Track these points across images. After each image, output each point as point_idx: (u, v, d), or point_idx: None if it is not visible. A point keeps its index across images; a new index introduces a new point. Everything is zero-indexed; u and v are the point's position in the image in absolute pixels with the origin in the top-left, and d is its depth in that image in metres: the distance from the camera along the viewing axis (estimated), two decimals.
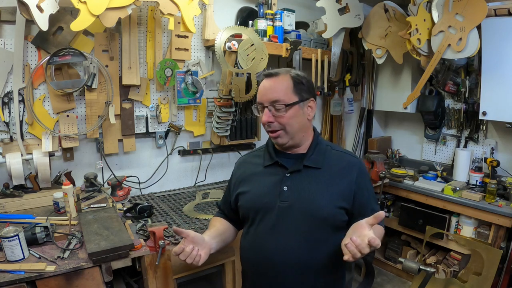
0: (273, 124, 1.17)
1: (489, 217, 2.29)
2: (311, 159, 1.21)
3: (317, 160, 1.20)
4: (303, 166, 1.20)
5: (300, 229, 1.16)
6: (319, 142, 1.25)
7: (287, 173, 1.21)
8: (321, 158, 1.21)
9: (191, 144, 2.51)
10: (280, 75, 1.17)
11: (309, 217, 1.16)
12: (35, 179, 1.89)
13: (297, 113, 1.17)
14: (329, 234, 1.17)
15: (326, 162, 1.21)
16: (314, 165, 1.20)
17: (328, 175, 1.18)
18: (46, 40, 1.84)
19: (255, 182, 1.27)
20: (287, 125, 1.16)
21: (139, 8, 2.08)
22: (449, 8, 2.29)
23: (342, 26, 2.58)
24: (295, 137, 1.20)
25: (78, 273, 1.32)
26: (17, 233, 1.29)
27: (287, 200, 1.18)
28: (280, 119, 1.16)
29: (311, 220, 1.16)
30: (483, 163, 2.71)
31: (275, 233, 1.18)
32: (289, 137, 1.19)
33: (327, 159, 1.21)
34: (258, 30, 2.37)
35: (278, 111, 1.15)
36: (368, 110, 3.44)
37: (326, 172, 1.19)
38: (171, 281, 1.58)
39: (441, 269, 2.64)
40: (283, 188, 1.19)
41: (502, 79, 2.34)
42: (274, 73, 1.18)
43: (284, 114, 1.15)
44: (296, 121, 1.17)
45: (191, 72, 2.26)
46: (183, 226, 1.78)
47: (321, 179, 1.18)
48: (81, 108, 2.03)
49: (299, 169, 1.20)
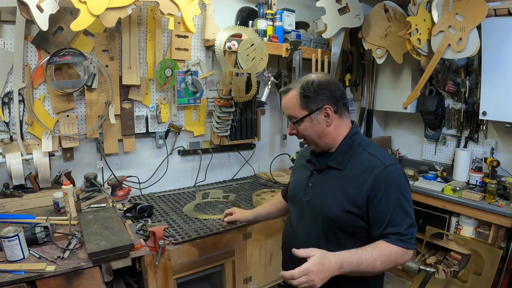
0: (297, 135, 1.26)
1: (489, 217, 2.29)
2: (335, 160, 1.23)
3: (341, 161, 1.21)
4: (326, 166, 1.24)
5: (315, 225, 1.22)
6: (352, 141, 1.23)
7: (314, 170, 1.28)
8: (346, 159, 1.20)
9: (191, 144, 2.51)
10: (290, 92, 1.23)
11: (320, 216, 1.20)
12: (35, 179, 1.89)
13: (309, 124, 1.21)
14: (339, 236, 1.17)
15: (350, 164, 1.19)
16: (337, 166, 1.21)
17: (348, 177, 1.17)
18: (46, 40, 1.84)
19: (296, 173, 1.42)
20: (306, 136, 1.24)
21: (139, 8, 2.08)
22: (449, 8, 2.29)
23: (342, 26, 2.58)
24: (319, 144, 1.24)
25: (78, 273, 1.32)
26: (17, 233, 1.29)
27: (308, 195, 1.26)
28: (295, 131, 1.25)
29: (321, 219, 1.20)
30: (483, 163, 2.71)
31: (298, 225, 1.29)
32: (314, 145, 1.25)
33: (353, 161, 1.19)
34: (258, 30, 2.37)
35: (294, 125, 1.24)
36: (368, 110, 3.44)
37: (347, 174, 1.18)
38: (171, 281, 1.59)
39: (441, 269, 2.64)
40: (308, 184, 1.27)
41: (502, 79, 2.33)
42: (286, 90, 1.25)
43: (298, 128, 1.23)
44: (312, 131, 1.21)
45: (191, 72, 2.26)
46: (183, 226, 1.79)
47: (340, 180, 1.19)
48: (81, 108, 2.03)
49: (323, 168, 1.25)
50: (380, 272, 1.09)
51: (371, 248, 1.07)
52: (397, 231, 1.08)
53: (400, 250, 1.07)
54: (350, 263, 1.03)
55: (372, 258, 1.05)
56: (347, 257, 1.04)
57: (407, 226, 1.09)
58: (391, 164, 1.13)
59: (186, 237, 1.67)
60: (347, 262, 1.03)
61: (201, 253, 1.71)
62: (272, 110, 2.90)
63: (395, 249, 1.07)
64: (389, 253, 1.06)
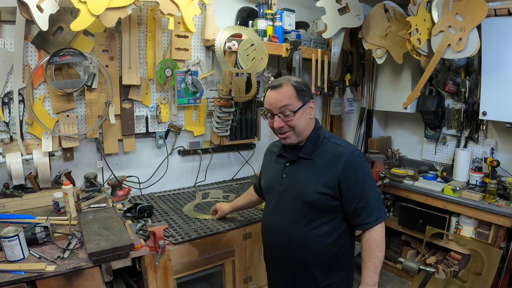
0: (283, 128, 1.34)
1: (489, 217, 2.29)
2: (305, 151, 1.38)
3: (310, 151, 1.37)
4: (297, 157, 1.39)
5: (293, 210, 1.36)
6: (318, 135, 1.39)
7: (286, 163, 1.42)
8: (315, 150, 1.37)
9: (191, 144, 2.51)
10: (283, 85, 1.33)
11: (298, 200, 1.35)
12: (35, 179, 1.89)
13: (302, 115, 1.34)
14: (317, 215, 1.33)
15: (319, 153, 1.36)
16: (307, 156, 1.37)
17: (318, 165, 1.34)
18: (46, 40, 1.84)
19: (268, 168, 1.55)
20: (296, 127, 1.33)
21: (139, 8, 2.08)
22: (449, 8, 2.29)
23: (342, 26, 2.58)
24: (301, 135, 1.36)
25: (78, 273, 1.32)
26: (17, 233, 1.29)
27: (284, 185, 1.40)
28: (289, 122, 1.33)
29: (300, 203, 1.34)
30: (483, 163, 2.71)
31: (276, 212, 1.42)
32: (296, 135, 1.35)
33: (320, 151, 1.36)
34: (258, 30, 2.37)
35: (287, 117, 1.32)
36: (368, 110, 3.44)
37: (317, 162, 1.35)
38: (171, 281, 1.59)
39: (441, 269, 2.64)
40: (282, 175, 1.41)
41: (502, 79, 2.34)
42: (278, 84, 1.33)
43: (292, 119, 1.32)
44: (302, 121, 1.34)
45: (191, 72, 2.26)
46: (183, 226, 1.79)
47: (311, 168, 1.35)
48: (81, 108, 2.03)
49: (294, 160, 1.40)
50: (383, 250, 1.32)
51: (370, 252, 1.28)
52: (368, 210, 1.28)
53: (381, 227, 1.30)
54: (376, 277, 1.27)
55: (377, 258, 1.28)
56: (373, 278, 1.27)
57: (372, 201, 1.29)
58: (354, 150, 1.33)
59: (186, 237, 1.67)
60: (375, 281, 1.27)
61: (201, 253, 1.71)
62: None
63: (378, 232, 1.29)
64: (380, 238, 1.29)
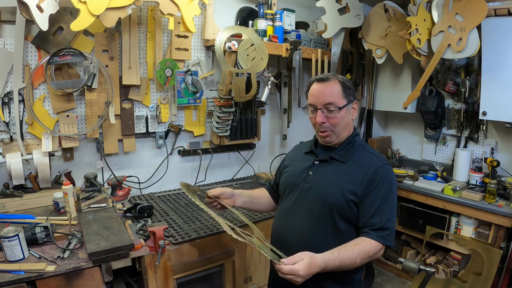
0: (325, 124, 1.30)
1: (489, 217, 2.29)
2: (338, 153, 1.35)
3: (344, 155, 1.34)
4: (330, 158, 1.35)
5: (312, 210, 1.30)
6: (354, 141, 1.37)
7: (316, 161, 1.38)
8: (349, 154, 1.34)
9: (191, 144, 2.51)
10: (331, 80, 1.30)
11: (320, 200, 1.29)
12: (35, 179, 1.89)
13: (345, 114, 1.31)
14: (336, 220, 1.27)
15: (352, 159, 1.32)
16: (340, 158, 1.34)
17: (349, 170, 1.30)
18: (46, 40, 1.84)
19: (294, 164, 1.48)
20: (336, 126, 1.30)
21: (139, 8, 2.08)
22: (449, 8, 2.29)
23: (342, 26, 2.58)
24: (340, 135, 1.34)
25: (78, 273, 1.32)
26: (17, 233, 1.29)
27: (308, 183, 1.35)
28: (331, 120, 1.29)
29: (322, 203, 1.28)
30: (483, 163, 2.71)
31: (293, 210, 1.36)
32: (336, 136, 1.33)
33: (354, 156, 1.33)
34: (258, 30, 2.36)
35: (331, 113, 1.29)
36: (368, 110, 3.44)
37: (349, 167, 1.31)
38: (171, 281, 1.59)
39: (441, 269, 2.64)
40: (309, 173, 1.37)
41: (502, 79, 2.33)
42: (325, 77, 1.31)
43: (337, 115, 1.29)
44: (344, 121, 1.32)
45: (191, 72, 2.26)
46: (183, 226, 1.79)
47: (342, 171, 1.31)
48: (81, 108, 2.03)
49: (326, 159, 1.36)
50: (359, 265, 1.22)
51: (352, 247, 1.19)
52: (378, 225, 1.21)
53: (378, 246, 1.21)
54: (333, 264, 1.15)
55: (353, 257, 1.17)
56: (331, 260, 1.15)
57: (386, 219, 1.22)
58: (387, 164, 1.31)
59: (186, 237, 1.67)
60: (330, 264, 1.15)
61: (201, 253, 1.71)
62: (272, 110, 2.90)
63: (373, 245, 1.20)
64: (368, 249, 1.19)
